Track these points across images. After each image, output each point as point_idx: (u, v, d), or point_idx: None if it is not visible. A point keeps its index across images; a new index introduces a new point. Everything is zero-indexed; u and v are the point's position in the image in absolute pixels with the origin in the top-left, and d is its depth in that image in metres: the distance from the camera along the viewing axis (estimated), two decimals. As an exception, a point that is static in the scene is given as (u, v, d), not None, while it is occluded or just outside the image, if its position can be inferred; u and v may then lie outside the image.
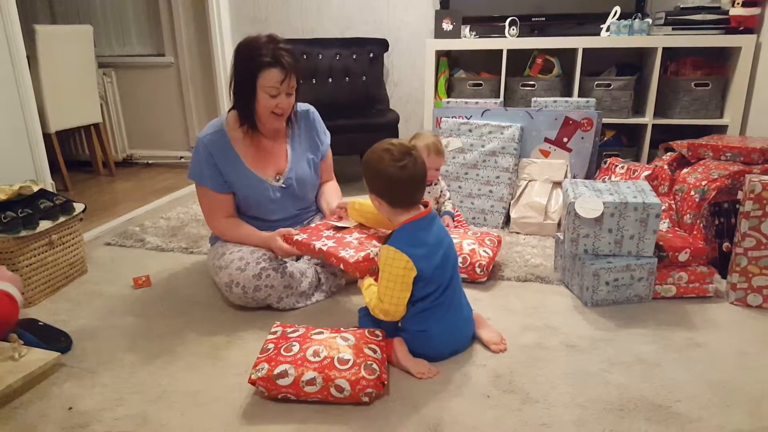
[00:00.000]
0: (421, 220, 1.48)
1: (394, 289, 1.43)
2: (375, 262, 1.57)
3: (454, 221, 2.32)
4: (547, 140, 2.63)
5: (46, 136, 2.93)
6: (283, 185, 1.93)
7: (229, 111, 1.89)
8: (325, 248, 1.64)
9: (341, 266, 1.61)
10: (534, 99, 2.79)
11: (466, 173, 2.68)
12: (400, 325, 1.52)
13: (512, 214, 2.55)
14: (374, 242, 1.65)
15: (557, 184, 2.56)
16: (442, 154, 2.20)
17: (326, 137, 2.08)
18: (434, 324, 1.48)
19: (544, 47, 3.11)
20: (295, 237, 1.74)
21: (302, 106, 1.99)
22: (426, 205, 1.51)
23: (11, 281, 1.50)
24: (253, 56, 1.72)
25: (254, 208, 1.92)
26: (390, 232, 1.53)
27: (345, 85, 3.41)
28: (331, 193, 2.06)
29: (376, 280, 1.54)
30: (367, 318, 1.62)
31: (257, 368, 1.34)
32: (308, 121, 2.01)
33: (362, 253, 1.58)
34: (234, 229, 1.89)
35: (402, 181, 1.43)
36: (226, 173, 1.85)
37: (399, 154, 1.43)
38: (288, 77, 1.74)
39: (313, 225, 1.85)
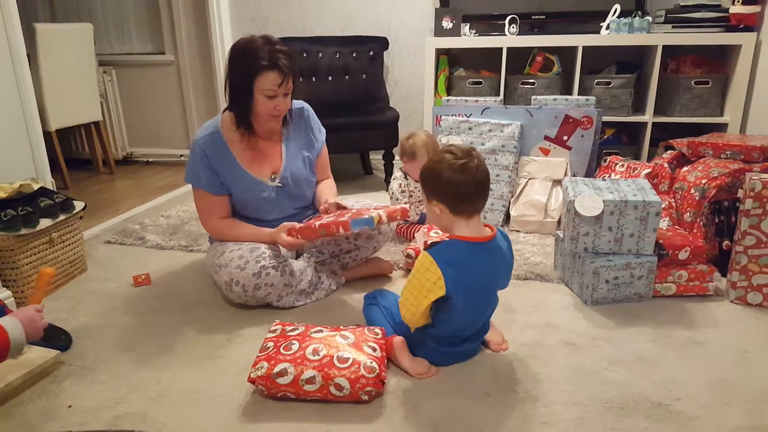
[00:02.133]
0: (477, 245, 1.38)
1: (417, 297, 1.37)
2: (367, 212, 1.60)
3: None
4: (547, 138, 2.62)
5: (47, 134, 2.93)
6: (279, 184, 1.93)
7: (224, 111, 1.89)
8: (324, 222, 1.66)
9: (341, 230, 1.62)
10: (534, 97, 2.78)
11: (466, 171, 2.67)
12: (412, 332, 1.47)
13: (512, 212, 2.55)
14: (372, 210, 1.67)
15: (557, 182, 2.56)
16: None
17: (321, 134, 2.07)
18: (449, 348, 1.47)
19: (544, 45, 3.11)
20: (297, 227, 1.75)
21: (296, 103, 1.98)
22: (491, 230, 1.43)
23: (24, 319, 1.33)
24: (249, 59, 1.71)
25: (250, 208, 1.92)
26: (435, 239, 1.50)
27: (345, 83, 3.40)
28: (326, 192, 2.05)
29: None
30: (370, 308, 1.62)
31: (257, 367, 1.34)
32: (303, 118, 2.01)
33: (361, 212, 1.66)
34: (234, 229, 1.89)
35: (464, 183, 1.34)
36: (222, 174, 1.85)
37: (461, 153, 1.35)
38: (286, 80, 1.73)
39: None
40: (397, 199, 2.26)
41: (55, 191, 2.10)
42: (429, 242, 1.50)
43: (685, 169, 2.25)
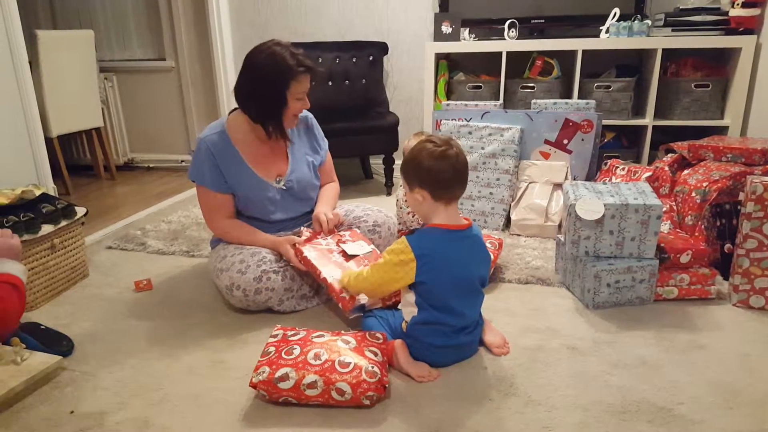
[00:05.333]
0: (453, 233, 1.45)
1: (383, 275, 1.46)
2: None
3: None
4: (547, 142, 2.63)
5: (48, 141, 2.94)
6: (284, 187, 1.94)
7: (230, 113, 1.90)
8: (329, 279, 1.69)
9: (340, 304, 1.67)
10: (534, 101, 2.79)
11: (467, 175, 2.68)
12: (405, 331, 1.52)
13: (513, 216, 2.55)
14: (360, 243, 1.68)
15: (557, 185, 2.56)
16: None
17: (324, 143, 2.11)
18: (444, 340, 1.47)
19: (544, 49, 3.11)
20: (305, 253, 1.76)
21: None
22: (467, 221, 1.49)
23: (7, 252, 1.38)
24: (282, 69, 1.75)
25: (254, 208, 1.93)
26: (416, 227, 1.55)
27: (345, 88, 3.41)
28: (323, 195, 2.07)
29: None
30: (368, 319, 1.62)
31: (258, 371, 1.34)
32: (307, 127, 2.05)
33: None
34: (238, 229, 1.90)
35: (444, 170, 1.40)
36: (228, 174, 1.86)
37: (440, 142, 1.43)
38: (315, 78, 1.84)
39: (323, 239, 1.86)
40: (400, 207, 2.27)
41: (56, 197, 2.11)
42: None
43: (685, 172, 2.25)
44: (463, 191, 1.48)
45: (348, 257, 1.79)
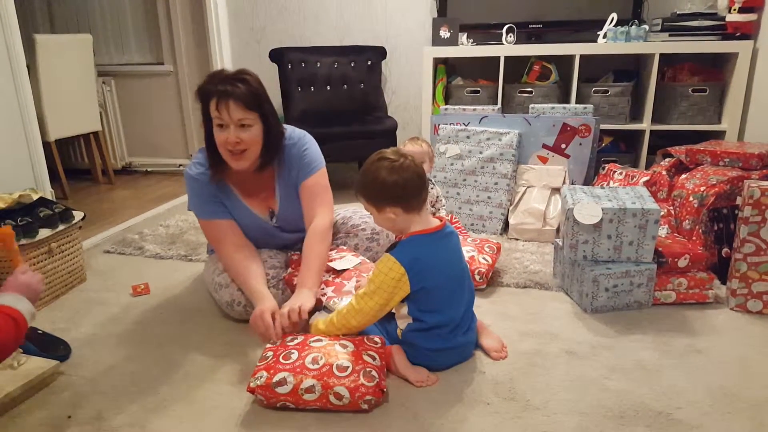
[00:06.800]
0: (433, 235, 1.45)
1: (382, 296, 1.41)
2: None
3: None
4: (545, 146, 2.63)
5: (46, 145, 2.93)
6: (276, 224, 1.88)
7: None
8: (324, 298, 1.68)
9: None
10: (532, 105, 2.80)
11: (465, 180, 2.68)
12: (401, 337, 1.51)
13: (511, 221, 2.55)
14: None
15: (555, 190, 2.57)
16: (433, 160, 2.28)
17: (314, 162, 1.81)
18: (440, 343, 1.47)
19: (542, 54, 3.12)
20: (296, 282, 1.73)
21: (294, 136, 1.81)
22: (440, 220, 1.49)
23: (21, 289, 1.32)
24: (200, 87, 1.65)
25: (253, 237, 1.84)
26: (396, 241, 1.54)
27: (343, 92, 3.42)
28: (306, 269, 1.68)
29: None
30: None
31: (256, 376, 1.34)
32: (293, 151, 1.80)
33: None
34: (233, 271, 1.73)
35: (410, 179, 1.41)
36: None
37: (395, 156, 1.43)
38: (224, 104, 1.58)
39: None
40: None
41: (54, 201, 2.10)
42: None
43: (683, 176, 2.25)
44: (427, 194, 1.48)
45: (337, 273, 1.78)
